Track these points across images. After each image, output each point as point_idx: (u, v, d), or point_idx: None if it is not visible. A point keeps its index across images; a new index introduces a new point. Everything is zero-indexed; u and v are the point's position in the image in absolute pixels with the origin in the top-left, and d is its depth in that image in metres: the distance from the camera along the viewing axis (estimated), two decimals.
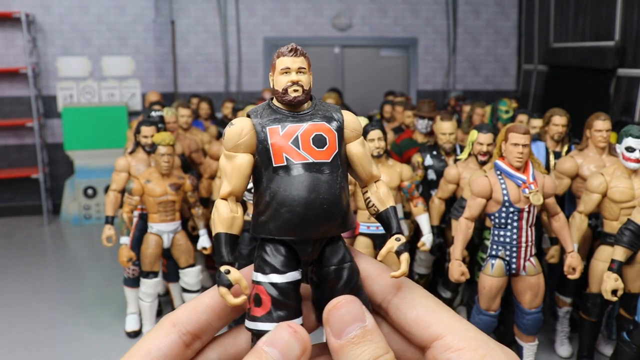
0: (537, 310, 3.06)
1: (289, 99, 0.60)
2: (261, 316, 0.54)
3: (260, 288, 0.55)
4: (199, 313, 0.53)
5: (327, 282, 0.57)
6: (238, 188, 0.59)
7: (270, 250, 0.56)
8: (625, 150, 2.99)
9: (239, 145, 0.58)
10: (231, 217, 0.58)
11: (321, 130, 0.58)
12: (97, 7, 6.73)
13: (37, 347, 3.69)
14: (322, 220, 0.56)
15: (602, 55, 5.17)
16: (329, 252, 0.58)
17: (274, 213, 0.56)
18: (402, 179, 3.38)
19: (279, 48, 0.65)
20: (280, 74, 0.62)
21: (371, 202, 0.64)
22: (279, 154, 0.57)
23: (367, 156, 0.63)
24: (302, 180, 0.56)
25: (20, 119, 6.50)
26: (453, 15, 7.40)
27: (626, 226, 2.87)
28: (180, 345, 0.52)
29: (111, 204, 3.73)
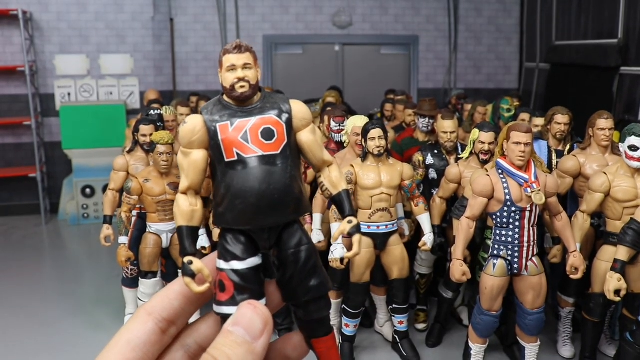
0: (540, 310, 3.03)
1: (236, 95, 0.63)
2: (225, 300, 0.58)
3: (223, 275, 0.58)
4: (172, 300, 0.56)
5: (287, 264, 0.61)
6: (195, 182, 0.63)
7: (230, 239, 0.59)
8: (629, 149, 2.96)
9: (193, 142, 0.61)
10: (191, 211, 0.62)
11: (269, 123, 0.61)
12: (95, 4, 6.69)
13: (35, 347, 3.67)
14: (274, 210, 0.59)
15: (605, 53, 5.13)
16: (286, 236, 0.61)
17: (229, 205, 0.59)
18: (403, 178, 3.35)
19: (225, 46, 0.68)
20: (226, 71, 0.64)
21: (324, 186, 0.68)
22: (230, 149, 0.60)
23: (317, 143, 0.65)
24: (253, 173, 0.59)
25: (17, 118, 6.47)
26: (454, 13, 7.37)
27: (629, 226, 2.84)
28: (157, 332, 0.55)
29: (109, 204, 3.71)
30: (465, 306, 3.99)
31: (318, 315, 0.61)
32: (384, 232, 3.33)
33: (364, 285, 3.41)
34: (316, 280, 0.61)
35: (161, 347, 0.56)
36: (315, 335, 0.61)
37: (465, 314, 3.98)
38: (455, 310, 4.03)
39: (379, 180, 3.28)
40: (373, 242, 3.34)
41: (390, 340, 3.73)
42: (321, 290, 0.61)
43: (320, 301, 0.61)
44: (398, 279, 3.43)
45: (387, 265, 3.44)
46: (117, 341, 0.54)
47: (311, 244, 0.62)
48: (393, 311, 3.54)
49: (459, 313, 4.03)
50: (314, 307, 0.61)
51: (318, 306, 0.61)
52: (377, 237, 3.34)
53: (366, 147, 3.28)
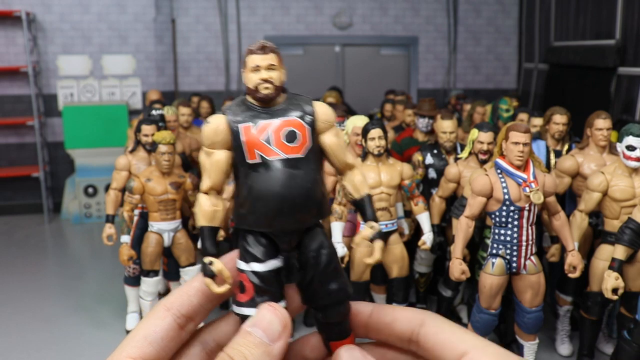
0: (538, 309, 3.06)
1: (260, 96, 0.62)
2: (245, 302, 0.57)
3: (243, 276, 0.58)
4: (191, 296, 0.56)
5: (308, 267, 0.60)
6: (218, 183, 0.61)
7: (251, 240, 0.59)
8: (626, 148, 2.99)
9: (216, 142, 0.61)
10: (213, 211, 0.61)
11: (292, 126, 0.60)
12: (98, 5, 6.73)
13: (38, 346, 3.70)
14: (295, 213, 0.58)
15: (603, 54, 5.16)
16: (308, 239, 0.60)
17: (251, 207, 0.58)
18: (402, 177, 3.38)
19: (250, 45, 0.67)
20: (251, 71, 0.63)
21: (347, 190, 0.67)
22: (252, 150, 0.59)
23: (340, 146, 0.64)
24: (275, 176, 0.58)
25: (20, 118, 6.50)
26: (454, 13, 7.40)
27: (627, 225, 2.87)
28: (175, 327, 0.55)
29: (112, 203, 3.73)
30: (465, 304, 4.02)
31: (337, 319, 0.60)
32: (383, 231, 3.36)
33: (364, 284, 3.44)
34: (336, 284, 0.60)
35: (178, 342, 0.56)
36: (334, 338, 0.60)
37: (464, 313, 4.00)
38: (455, 309, 4.06)
39: (378, 179, 3.31)
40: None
41: None
42: (341, 294, 0.60)
43: (340, 306, 0.60)
44: (398, 277, 3.45)
45: (386, 264, 3.47)
46: (135, 335, 0.54)
47: (332, 248, 0.62)
48: None
49: (458, 311, 4.06)
50: (333, 311, 0.60)
51: (337, 310, 0.60)
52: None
53: (366, 147, 3.31)
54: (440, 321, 0.56)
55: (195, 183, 3.69)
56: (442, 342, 0.53)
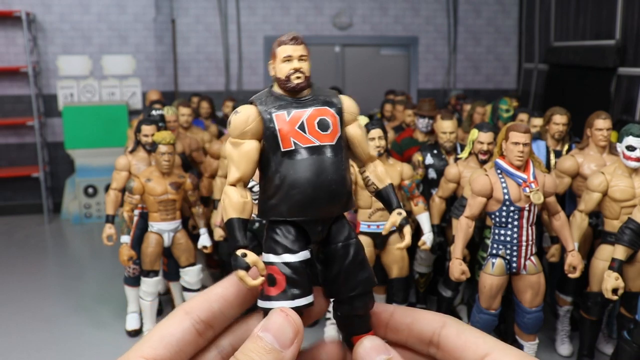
0: (538, 309, 3.06)
1: (292, 85, 0.62)
2: (276, 295, 0.56)
3: (273, 268, 0.57)
4: (212, 302, 0.55)
5: (336, 259, 0.60)
6: (247, 174, 0.60)
7: (282, 232, 0.58)
8: (626, 149, 2.99)
9: (246, 132, 0.60)
10: (242, 202, 0.60)
11: (324, 115, 0.61)
12: (98, 5, 6.73)
13: (37, 346, 3.70)
14: (330, 200, 0.58)
15: (603, 54, 5.16)
16: (335, 230, 0.60)
17: (285, 195, 0.58)
18: (402, 177, 3.38)
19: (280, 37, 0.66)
20: (282, 61, 0.63)
21: (370, 181, 0.67)
22: (287, 138, 0.59)
23: (364, 137, 0.66)
24: (310, 163, 0.58)
25: (20, 118, 6.51)
26: (454, 14, 7.40)
27: (627, 225, 2.87)
28: (193, 332, 0.54)
29: (112, 203, 3.73)
30: (465, 305, 4.02)
31: (363, 311, 0.60)
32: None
33: None
34: (365, 273, 0.60)
35: (196, 347, 0.54)
36: (357, 332, 0.60)
37: (464, 313, 4.00)
38: (455, 309, 4.06)
39: None
40: (373, 241, 3.38)
41: None
42: (369, 284, 0.60)
43: (367, 296, 0.60)
44: (398, 277, 3.46)
45: (386, 264, 3.47)
46: (151, 336, 0.54)
47: (358, 239, 0.62)
48: None
49: (458, 312, 4.06)
50: (360, 302, 0.60)
51: (364, 301, 0.60)
52: (377, 236, 3.37)
53: None
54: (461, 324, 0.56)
55: (195, 183, 3.69)
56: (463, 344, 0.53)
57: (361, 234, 3.38)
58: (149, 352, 0.52)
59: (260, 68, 7.23)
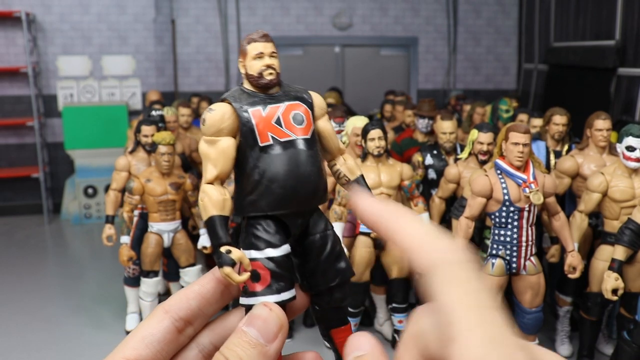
0: (538, 309, 3.06)
1: (265, 81, 0.63)
2: (262, 290, 0.56)
3: (256, 264, 0.57)
4: (190, 300, 0.55)
5: (313, 250, 0.60)
6: (225, 171, 0.61)
7: (262, 227, 0.59)
8: (626, 149, 2.99)
9: (222, 129, 0.60)
10: (222, 200, 0.60)
11: (298, 109, 0.62)
12: (98, 6, 6.74)
13: (37, 346, 3.70)
14: (310, 192, 0.59)
15: (603, 55, 5.17)
16: (312, 222, 0.61)
17: (265, 190, 0.58)
18: (402, 178, 3.38)
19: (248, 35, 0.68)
20: (253, 58, 0.65)
21: (342, 173, 0.68)
22: (264, 133, 0.59)
23: (334, 131, 0.67)
24: (289, 156, 0.59)
25: (20, 118, 6.51)
26: (453, 14, 7.40)
27: (626, 225, 2.87)
28: (172, 331, 0.54)
29: (111, 203, 3.74)
30: None
31: (341, 303, 0.61)
32: None
33: (364, 285, 3.44)
34: (342, 264, 0.61)
35: (177, 346, 0.55)
36: (335, 325, 0.61)
37: None
38: None
39: (378, 180, 3.31)
40: (373, 242, 3.38)
41: (389, 339, 3.76)
42: (348, 273, 0.61)
43: (345, 286, 0.61)
44: (397, 278, 3.46)
45: (386, 264, 3.47)
46: (132, 337, 0.54)
47: (334, 231, 0.63)
48: (392, 310, 3.57)
49: None
50: (339, 293, 0.61)
51: (343, 292, 0.61)
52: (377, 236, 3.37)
53: (366, 148, 3.31)
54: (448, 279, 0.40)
55: (195, 184, 3.69)
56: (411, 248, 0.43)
57: (361, 234, 3.38)
58: (131, 352, 0.53)
59: None
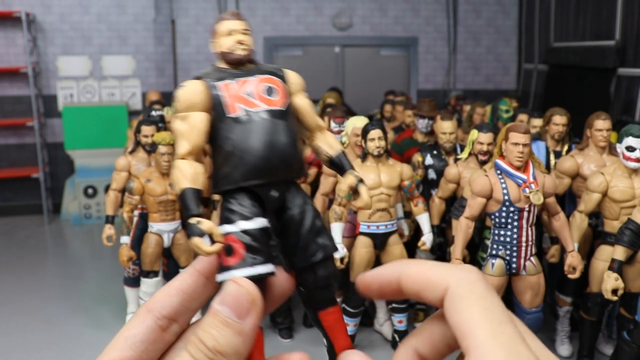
0: (538, 309, 3.06)
1: (236, 56, 0.64)
2: (235, 264, 0.55)
3: (230, 237, 0.56)
4: (172, 296, 0.54)
5: (292, 225, 0.59)
6: (197, 145, 0.60)
7: (236, 201, 0.58)
8: (626, 149, 2.99)
9: (195, 103, 0.60)
10: (194, 173, 0.60)
11: (269, 82, 0.62)
12: (98, 6, 6.74)
13: (37, 346, 3.70)
14: (283, 162, 0.59)
15: (603, 55, 5.17)
16: (290, 197, 0.60)
17: (238, 161, 0.58)
18: (402, 178, 3.38)
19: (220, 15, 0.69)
20: (225, 35, 0.66)
21: (322, 148, 0.67)
22: (233, 104, 0.59)
23: (312, 108, 0.67)
24: (261, 127, 0.58)
25: (20, 118, 6.51)
26: (453, 14, 7.40)
27: (626, 225, 2.87)
28: (156, 329, 0.53)
29: (111, 204, 3.74)
30: None
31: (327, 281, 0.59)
32: (383, 232, 3.37)
33: None
34: (324, 239, 0.59)
35: (163, 345, 0.54)
36: (323, 306, 0.59)
37: None
38: None
39: (378, 180, 3.31)
40: (373, 242, 3.38)
41: (389, 339, 3.76)
42: (330, 248, 0.60)
43: (329, 262, 0.60)
44: None
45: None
46: (117, 339, 0.54)
47: (314, 205, 0.62)
48: (392, 310, 3.57)
49: None
50: (323, 270, 0.59)
51: (327, 269, 0.59)
52: (376, 236, 3.37)
53: (366, 148, 3.31)
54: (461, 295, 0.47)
55: None
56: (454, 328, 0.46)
57: (361, 234, 3.38)
58: (116, 355, 0.53)
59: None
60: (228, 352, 0.48)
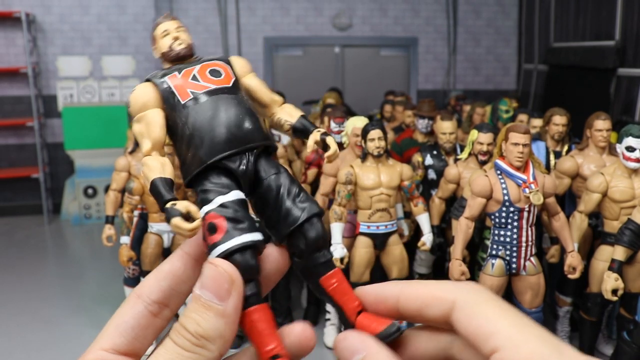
0: (538, 309, 3.06)
1: (175, 52, 0.66)
2: (221, 238, 0.54)
3: (210, 215, 0.55)
4: (160, 280, 0.54)
5: (271, 192, 0.59)
6: (158, 139, 0.62)
7: (208, 182, 0.58)
8: (626, 149, 2.99)
9: (147, 101, 0.62)
10: (161, 164, 0.61)
11: (213, 66, 0.64)
12: (98, 6, 6.74)
13: (37, 346, 3.70)
14: (242, 130, 0.60)
15: (603, 55, 5.17)
16: (262, 167, 0.60)
17: (199, 142, 0.59)
18: (402, 178, 3.38)
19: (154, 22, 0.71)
20: (161, 37, 0.68)
21: (282, 119, 0.68)
22: (184, 91, 0.61)
23: (262, 84, 0.68)
24: (212, 103, 0.60)
25: (20, 119, 6.51)
26: (453, 14, 7.40)
27: (626, 226, 2.87)
28: (146, 315, 0.53)
29: (111, 204, 3.74)
30: None
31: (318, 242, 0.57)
32: (383, 232, 3.37)
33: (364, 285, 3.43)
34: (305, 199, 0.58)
35: (154, 330, 0.53)
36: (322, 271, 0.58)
37: None
38: None
39: (378, 180, 3.31)
40: (372, 242, 3.37)
41: None
42: (313, 207, 0.58)
43: (316, 221, 0.58)
44: (397, 278, 3.45)
45: (386, 265, 3.47)
46: (107, 326, 0.53)
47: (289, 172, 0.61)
48: None
49: None
50: (312, 231, 0.57)
51: (317, 229, 0.57)
52: (376, 237, 3.37)
53: (366, 148, 3.31)
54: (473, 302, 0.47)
55: None
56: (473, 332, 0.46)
57: (361, 235, 3.38)
58: (107, 343, 0.52)
59: (259, 69, 7.23)
60: (212, 335, 0.47)
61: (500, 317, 0.45)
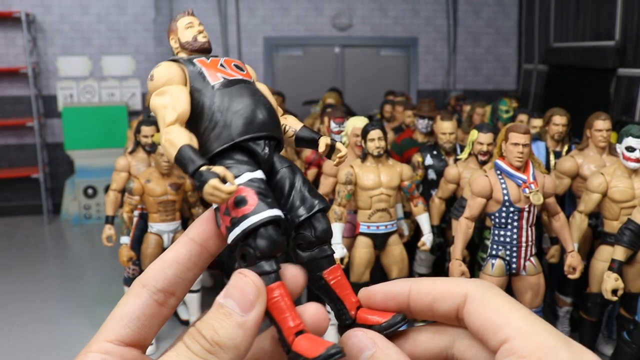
0: (538, 309, 3.06)
1: (199, 44, 0.67)
2: (252, 210, 0.53)
3: (240, 189, 0.55)
4: (165, 268, 0.53)
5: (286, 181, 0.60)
6: (183, 112, 0.60)
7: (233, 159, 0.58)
8: (626, 149, 2.99)
9: (172, 78, 0.62)
10: (189, 135, 0.58)
11: (236, 62, 0.65)
12: (98, 6, 6.74)
13: (38, 347, 3.70)
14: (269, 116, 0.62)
15: (603, 55, 5.17)
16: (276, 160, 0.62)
17: (229, 120, 0.59)
18: (402, 178, 3.38)
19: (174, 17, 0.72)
20: (185, 29, 0.70)
21: (287, 126, 0.69)
22: (214, 74, 0.62)
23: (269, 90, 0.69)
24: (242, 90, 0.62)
25: (20, 119, 6.51)
26: (453, 14, 7.40)
27: (626, 226, 2.87)
28: (152, 304, 0.52)
29: (111, 204, 3.74)
30: None
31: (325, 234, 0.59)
32: (383, 232, 3.37)
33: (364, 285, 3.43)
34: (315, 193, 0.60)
35: (160, 319, 0.52)
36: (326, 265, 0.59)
37: None
38: None
39: (378, 180, 3.31)
40: (372, 242, 3.37)
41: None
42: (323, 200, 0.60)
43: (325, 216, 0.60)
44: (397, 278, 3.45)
45: (386, 265, 3.47)
46: (111, 317, 0.52)
47: None
48: None
49: None
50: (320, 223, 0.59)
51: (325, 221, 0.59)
52: (376, 237, 3.37)
53: (366, 148, 3.31)
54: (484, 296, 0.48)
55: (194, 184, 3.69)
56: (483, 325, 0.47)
57: (361, 235, 3.38)
58: (112, 334, 0.51)
59: (259, 69, 7.23)
60: (227, 344, 0.46)
61: (510, 311, 0.47)
